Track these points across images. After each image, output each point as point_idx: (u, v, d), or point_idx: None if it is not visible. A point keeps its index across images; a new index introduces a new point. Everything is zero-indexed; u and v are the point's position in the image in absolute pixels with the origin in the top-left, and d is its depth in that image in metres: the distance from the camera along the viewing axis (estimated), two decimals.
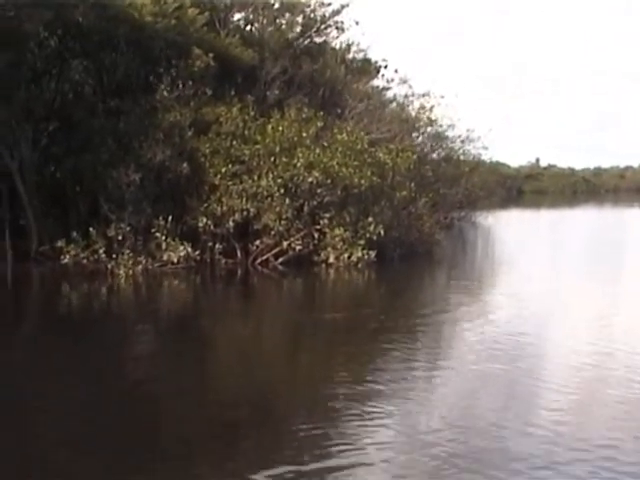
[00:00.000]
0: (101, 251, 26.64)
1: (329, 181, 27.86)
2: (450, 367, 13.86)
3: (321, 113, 30.55)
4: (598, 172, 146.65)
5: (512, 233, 48.45)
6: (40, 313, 21.42)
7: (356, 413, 11.06)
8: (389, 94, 42.39)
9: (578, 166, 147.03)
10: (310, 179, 27.62)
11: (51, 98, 29.63)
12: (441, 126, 43.45)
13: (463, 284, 26.05)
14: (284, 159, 28.00)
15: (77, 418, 11.21)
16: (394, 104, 42.24)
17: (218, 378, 13.95)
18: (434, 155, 44.51)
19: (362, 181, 28.20)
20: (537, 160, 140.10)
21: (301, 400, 12.26)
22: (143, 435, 10.52)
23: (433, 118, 41.15)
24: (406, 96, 40.85)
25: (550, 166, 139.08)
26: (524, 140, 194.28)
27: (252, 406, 11.76)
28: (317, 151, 28.19)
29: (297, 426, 10.74)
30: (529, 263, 31.17)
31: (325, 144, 28.95)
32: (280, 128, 28.52)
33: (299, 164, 27.74)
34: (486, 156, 52.51)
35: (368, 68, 38.33)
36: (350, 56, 38.33)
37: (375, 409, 11.14)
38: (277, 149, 28.24)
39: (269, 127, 28.75)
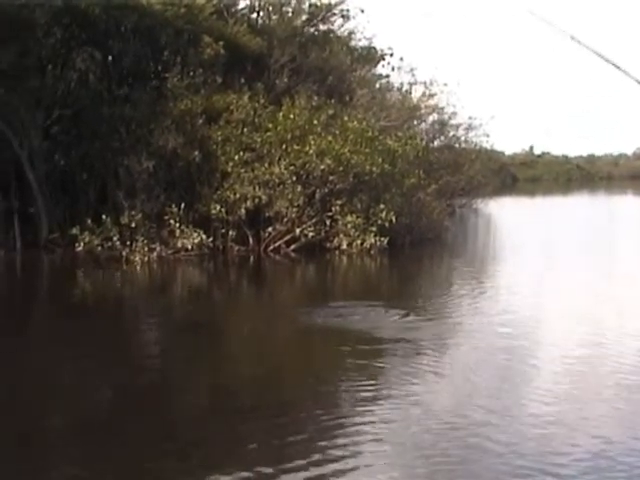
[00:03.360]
0: (115, 238, 26.72)
1: (341, 168, 27.95)
2: (456, 362, 13.37)
3: (332, 101, 30.77)
4: (592, 159, 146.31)
5: (512, 220, 48.62)
6: (60, 300, 21.37)
7: (358, 402, 11.01)
8: (391, 82, 42.51)
9: (572, 154, 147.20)
10: (322, 166, 27.72)
11: (59, 87, 29.74)
12: (444, 113, 43.65)
13: (474, 270, 26.20)
14: (296, 147, 28.08)
15: (87, 403, 11.32)
16: (396, 92, 42.34)
17: (226, 365, 13.99)
18: (436, 143, 44.71)
19: (373, 168, 28.32)
20: (531, 148, 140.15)
21: (307, 388, 12.21)
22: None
23: (436, 106, 41.33)
24: (410, 84, 40.98)
25: (544, 154, 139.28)
26: (518, 127, 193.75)
27: (258, 391, 11.86)
28: (329, 138, 28.27)
29: (303, 414, 10.80)
30: (533, 248, 31.26)
31: (336, 132, 29.01)
32: (291, 116, 28.60)
33: (311, 151, 27.83)
34: (488, 144, 52.84)
35: (373, 56, 38.42)
36: (353, 44, 38.43)
37: (377, 399, 11.02)
38: (288, 137, 28.31)
39: (280, 115, 28.80)
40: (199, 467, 8.72)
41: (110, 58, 31.01)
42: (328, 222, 28.28)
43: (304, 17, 35.18)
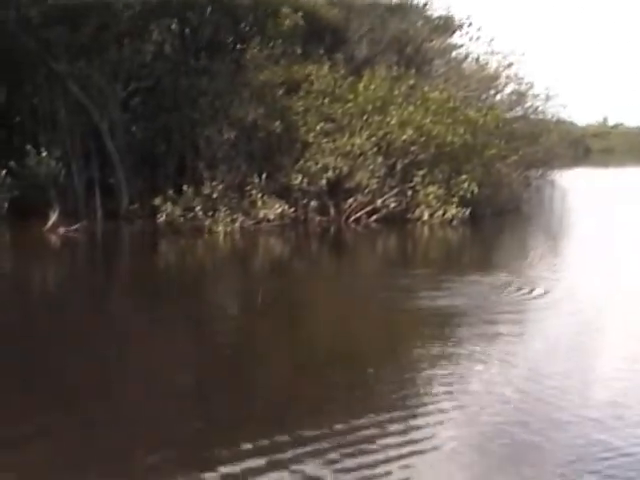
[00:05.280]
0: (198, 209, 26.84)
1: (422, 139, 27.86)
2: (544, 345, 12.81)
3: (413, 71, 30.63)
4: None
5: (590, 192, 47.99)
6: (144, 270, 21.58)
7: (438, 371, 11.11)
8: (465, 51, 42.02)
9: None
10: (403, 137, 27.67)
11: (137, 59, 29.89)
12: (520, 84, 43.04)
13: (559, 244, 26.12)
14: (376, 117, 28.06)
15: (167, 370, 11.44)
16: (473, 62, 41.84)
17: (309, 336, 14.09)
18: (513, 113, 44.12)
19: (455, 139, 28.16)
20: (605, 119, 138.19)
21: (386, 356, 12.27)
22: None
23: (514, 76, 40.83)
24: (488, 53, 40.45)
25: (618, 125, 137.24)
26: (592, 98, 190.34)
27: (340, 358, 12.00)
28: (410, 109, 28.19)
29: (383, 381, 10.92)
30: (616, 223, 30.59)
31: (417, 102, 28.87)
32: (371, 86, 28.51)
33: (392, 122, 27.80)
34: (564, 115, 52.21)
35: (450, 25, 38.00)
36: (430, 13, 38.02)
37: (454, 370, 11.14)
38: (369, 107, 28.25)
39: (360, 85, 28.73)
40: (277, 442, 8.66)
41: (188, 30, 31.01)
42: (409, 193, 28.24)
43: None
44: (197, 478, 7.90)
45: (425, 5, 37.69)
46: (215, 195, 27.10)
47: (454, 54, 40.61)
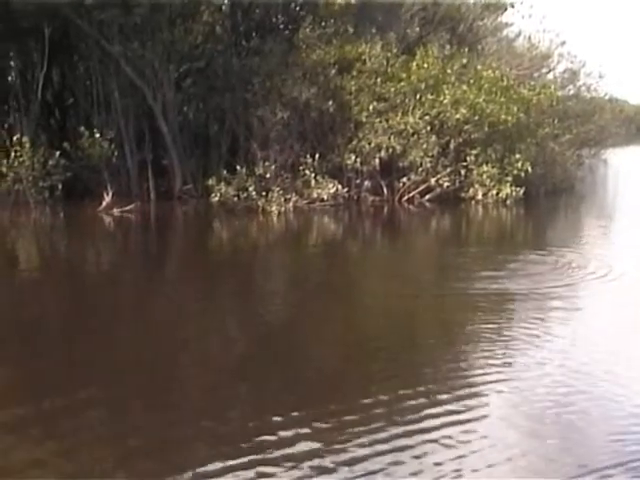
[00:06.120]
0: (251, 189, 26.89)
1: (476, 118, 27.70)
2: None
3: (466, 49, 30.44)
4: None
5: None
6: (199, 248, 21.85)
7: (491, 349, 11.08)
8: (517, 29, 41.64)
9: None
10: (457, 116, 27.54)
11: (190, 40, 29.96)
12: (573, 62, 42.61)
13: (612, 220, 25.93)
14: (430, 96, 27.93)
15: (214, 346, 11.75)
16: (524, 40, 41.49)
17: (360, 307, 14.37)
18: (564, 92, 43.69)
19: (508, 118, 27.93)
20: None
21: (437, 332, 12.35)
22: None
23: (566, 54, 40.44)
24: (539, 32, 40.09)
25: None
26: None
27: (394, 335, 12.14)
28: (463, 88, 28.07)
29: (437, 355, 11.06)
30: None
31: (470, 81, 28.73)
32: (424, 65, 28.37)
33: (445, 101, 27.68)
34: (618, 93, 51.60)
35: (502, 3, 37.63)
36: None
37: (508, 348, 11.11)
38: (422, 86, 28.11)
39: (413, 64, 28.58)
40: (330, 411, 8.81)
41: (239, 11, 31.02)
42: (463, 172, 28.14)
43: None
44: (248, 447, 7.99)
45: None
46: (268, 175, 27.15)
47: (506, 32, 40.34)
